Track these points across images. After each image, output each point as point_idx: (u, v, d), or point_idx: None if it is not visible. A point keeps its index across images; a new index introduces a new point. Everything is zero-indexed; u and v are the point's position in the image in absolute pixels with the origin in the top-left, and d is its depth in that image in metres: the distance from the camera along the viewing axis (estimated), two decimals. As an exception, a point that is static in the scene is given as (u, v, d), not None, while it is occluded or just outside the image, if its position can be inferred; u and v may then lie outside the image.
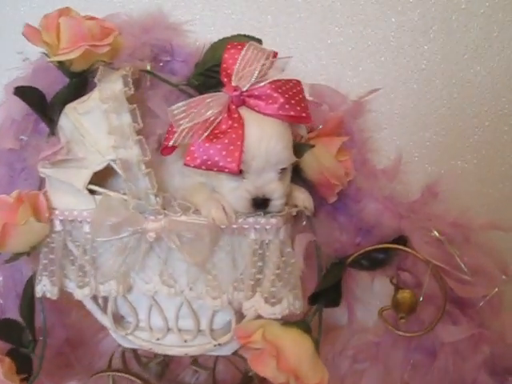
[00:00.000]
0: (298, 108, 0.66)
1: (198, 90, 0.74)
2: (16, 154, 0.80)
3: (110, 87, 0.69)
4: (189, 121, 0.65)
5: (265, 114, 0.66)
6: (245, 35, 0.74)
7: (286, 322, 0.69)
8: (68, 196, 0.73)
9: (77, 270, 0.74)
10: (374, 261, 0.74)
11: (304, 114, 0.66)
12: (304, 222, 0.75)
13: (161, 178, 0.72)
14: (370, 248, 0.71)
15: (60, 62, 0.72)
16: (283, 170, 0.69)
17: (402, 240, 0.71)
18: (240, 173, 0.67)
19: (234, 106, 0.66)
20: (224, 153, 0.64)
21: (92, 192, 0.72)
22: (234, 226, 0.69)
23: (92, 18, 0.72)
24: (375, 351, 0.76)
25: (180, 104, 0.66)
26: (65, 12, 0.72)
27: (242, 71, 0.67)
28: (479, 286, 0.70)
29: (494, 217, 0.78)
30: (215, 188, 0.70)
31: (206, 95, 0.67)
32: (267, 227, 0.69)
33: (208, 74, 0.74)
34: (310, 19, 1.09)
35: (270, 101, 0.66)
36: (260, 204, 0.67)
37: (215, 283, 0.71)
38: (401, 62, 1.08)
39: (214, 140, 0.64)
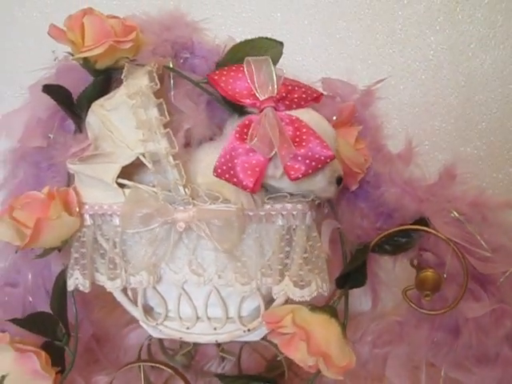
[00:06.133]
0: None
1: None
2: (42, 153, 0.82)
3: (137, 83, 0.71)
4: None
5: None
6: (266, 38, 0.74)
7: (314, 306, 0.71)
8: (97, 190, 0.75)
9: (107, 263, 0.76)
10: (396, 245, 0.76)
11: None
12: (326, 210, 0.77)
13: (186, 174, 0.74)
14: (393, 230, 0.74)
15: (85, 60, 0.73)
16: None
17: (422, 222, 0.74)
18: None
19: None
20: None
21: (121, 186, 0.74)
22: (262, 213, 0.72)
23: (114, 17, 0.74)
24: (399, 331, 0.78)
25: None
26: (88, 11, 0.73)
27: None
28: (499, 263, 0.72)
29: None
30: None
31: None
32: (294, 213, 0.71)
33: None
34: (318, 15, 1.13)
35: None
36: None
37: (244, 270, 0.73)
38: (408, 54, 1.12)
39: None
